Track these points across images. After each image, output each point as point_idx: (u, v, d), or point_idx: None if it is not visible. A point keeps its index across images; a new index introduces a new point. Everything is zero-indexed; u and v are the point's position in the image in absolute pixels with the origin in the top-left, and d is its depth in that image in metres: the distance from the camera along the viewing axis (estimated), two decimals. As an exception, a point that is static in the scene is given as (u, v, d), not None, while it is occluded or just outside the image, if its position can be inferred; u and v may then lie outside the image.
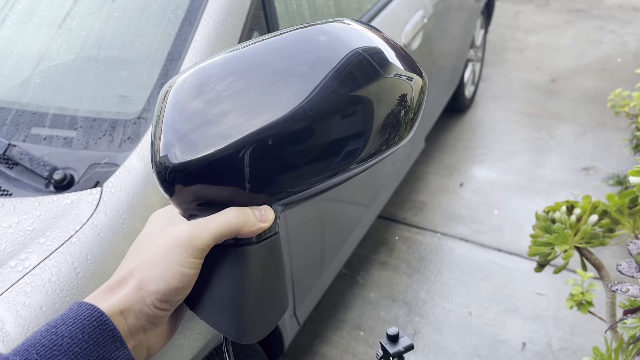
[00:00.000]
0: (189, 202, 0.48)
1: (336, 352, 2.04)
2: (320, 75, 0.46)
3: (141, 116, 1.18)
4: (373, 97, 0.47)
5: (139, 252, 0.47)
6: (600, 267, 1.05)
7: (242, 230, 0.46)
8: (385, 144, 0.50)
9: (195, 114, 0.45)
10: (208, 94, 0.46)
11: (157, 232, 0.48)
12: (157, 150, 0.47)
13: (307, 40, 0.47)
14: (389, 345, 0.77)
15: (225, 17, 1.30)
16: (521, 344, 2.01)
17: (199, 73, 0.47)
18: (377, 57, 0.48)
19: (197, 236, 0.45)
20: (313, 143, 0.46)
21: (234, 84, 0.45)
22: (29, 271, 0.97)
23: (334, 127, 0.46)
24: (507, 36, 4.33)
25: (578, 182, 2.77)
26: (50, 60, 1.32)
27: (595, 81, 3.63)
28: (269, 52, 0.47)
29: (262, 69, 0.46)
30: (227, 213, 0.46)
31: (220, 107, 0.45)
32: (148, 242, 0.47)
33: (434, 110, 2.77)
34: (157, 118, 0.48)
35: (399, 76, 0.49)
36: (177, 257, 0.45)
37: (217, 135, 0.45)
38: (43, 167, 1.11)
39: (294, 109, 0.45)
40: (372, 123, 0.48)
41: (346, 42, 0.48)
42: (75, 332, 0.41)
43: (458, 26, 2.81)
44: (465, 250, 2.43)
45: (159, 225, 0.49)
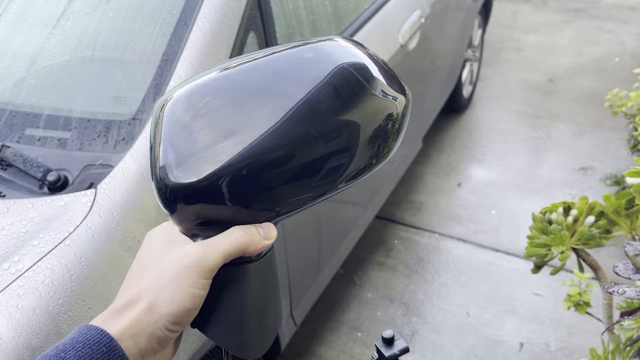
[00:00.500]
0: (190, 221, 0.47)
1: (333, 352, 2.03)
2: (306, 91, 0.46)
3: (136, 117, 1.17)
4: (360, 118, 0.48)
5: (144, 273, 0.46)
6: (597, 269, 1.05)
7: (248, 249, 0.46)
8: (375, 157, 0.51)
9: (194, 135, 0.45)
10: (203, 115, 0.46)
11: (160, 252, 0.47)
12: (158, 169, 0.46)
13: (299, 62, 0.48)
14: (384, 348, 0.76)
15: (221, 17, 1.29)
16: (519, 344, 2.00)
17: (193, 92, 0.47)
18: (363, 73, 0.49)
19: (207, 257, 0.45)
20: (313, 159, 0.47)
21: (229, 106, 0.46)
22: (22, 274, 0.97)
23: (324, 145, 0.47)
24: (505, 36, 4.33)
25: (576, 182, 2.76)
26: (44, 61, 1.31)
27: (593, 81, 3.63)
28: (261, 72, 0.48)
29: (257, 90, 0.47)
30: (234, 233, 0.46)
31: (218, 128, 0.45)
32: (153, 263, 0.47)
33: (432, 110, 2.77)
34: (155, 135, 0.47)
35: (385, 95, 0.50)
36: (187, 279, 0.44)
37: (218, 156, 0.45)
38: (37, 169, 1.10)
39: (290, 130, 0.45)
40: (358, 133, 0.49)
41: (334, 59, 0.48)
42: (84, 358, 0.41)
43: (455, 26, 2.81)
44: (462, 251, 2.43)
45: (159, 245, 0.48)
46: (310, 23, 1.69)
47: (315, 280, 1.85)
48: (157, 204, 1.11)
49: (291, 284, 1.63)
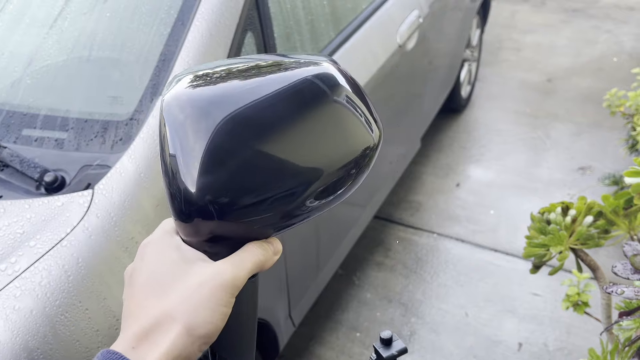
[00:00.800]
0: (202, 235, 0.46)
1: (332, 353, 2.03)
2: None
3: (133, 117, 1.17)
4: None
5: (165, 292, 0.43)
6: (595, 269, 1.05)
7: (265, 266, 0.46)
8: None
9: (229, 158, 0.43)
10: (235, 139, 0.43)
11: (179, 269, 0.45)
12: (179, 177, 0.43)
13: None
14: (382, 349, 0.76)
15: (219, 17, 1.29)
16: (517, 344, 2.00)
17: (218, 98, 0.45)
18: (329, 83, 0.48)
19: (238, 276, 0.44)
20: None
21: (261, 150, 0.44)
22: (19, 274, 0.96)
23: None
24: (504, 36, 4.33)
25: (574, 182, 2.76)
26: (41, 61, 1.31)
27: (592, 81, 3.63)
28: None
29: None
30: (253, 250, 0.46)
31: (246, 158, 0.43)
32: (173, 281, 0.44)
33: (430, 110, 2.77)
34: (172, 138, 0.44)
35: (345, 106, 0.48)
36: (222, 299, 0.43)
37: (254, 179, 0.43)
38: (34, 169, 1.10)
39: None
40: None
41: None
42: None
43: (454, 26, 2.81)
44: (461, 251, 2.42)
45: (173, 259, 0.45)
46: (308, 23, 1.68)
47: (314, 280, 1.85)
48: (154, 205, 1.11)
49: (289, 284, 1.62)
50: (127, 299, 0.46)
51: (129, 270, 0.48)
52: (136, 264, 0.47)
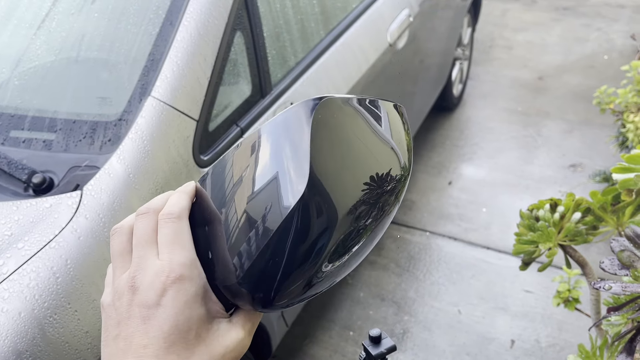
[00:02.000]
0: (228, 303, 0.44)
1: (325, 352, 2.03)
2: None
3: (122, 118, 1.16)
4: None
5: (190, 350, 0.40)
6: (584, 265, 1.05)
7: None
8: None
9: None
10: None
11: (204, 328, 0.41)
12: (243, 272, 0.41)
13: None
14: (372, 347, 0.76)
15: (207, 17, 1.28)
16: (510, 341, 2.01)
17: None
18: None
19: (245, 345, 0.43)
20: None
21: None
22: (7, 277, 0.96)
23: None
24: (495, 34, 4.35)
25: (565, 179, 2.78)
26: (29, 62, 1.30)
27: (582, 78, 3.65)
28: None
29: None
30: (246, 326, 0.44)
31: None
32: (198, 340, 0.40)
33: (422, 109, 2.77)
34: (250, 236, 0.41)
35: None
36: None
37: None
38: (22, 171, 1.09)
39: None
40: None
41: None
42: None
43: (445, 25, 2.81)
44: (454, 249, 2.43)
45: (201, 315, 0.41)
46: (297, 22, 1.68)
47: (306, 280, 1.84)
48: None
49: (282, 284, 1.62)
50: (140, 338, 0.39)
51: (126, 299, 0.40)
52: (149, 300, 0.39)
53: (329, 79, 1.70)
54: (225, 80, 1.34)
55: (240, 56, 1.40)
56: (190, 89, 1.23)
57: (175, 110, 1.19)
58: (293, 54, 1.63)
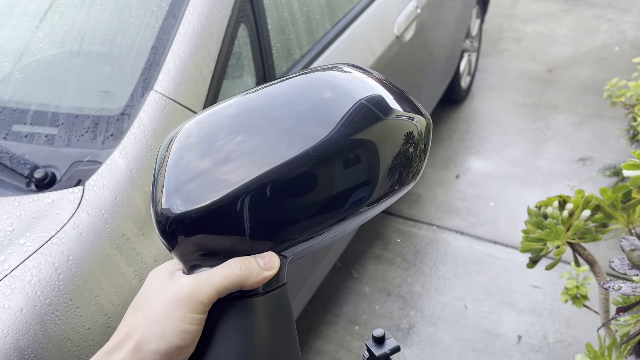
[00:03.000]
0: (191, 253, 0.46)
1: (331, 346, 2.03)
2: (327, 129, 0.45)
3: (124, 112, 1.15)
4: (376, 139, 0.47)
5: (137, 312, 0.44)
6: (593, 263, 1.03)
7: (246, 282, 0.44)
8: (397, 184, 0.49)
9: (199, 167, 0.45)
10: (213, 151, 0.45)
11: (155, 290, 0.45)
12: (159, 201, 0.46)
13: (313, 95, 0.47)
14: (375, 347, 0.75)
15: (210, 9, 1.27)
16: (517, 337, 1.99)
17: (205, 125, 0.46)
18: (379, 106, 0.48)
19: (200, 290, 0.43)
20: (316, 190, 0.45)
21: (241, 142, 0.45)
22: (9, 273, 0.95)
23: (337, 171, 0.45)
24: (504, 26, 4.29)
25: (575, 172, 2.74)
26: (31, 56, 1.29)
27: (593, 70, 3.60)
28: (274, 106, 0.46)
29: (268, 127, 0.45)
30: (230, 265, 0.44)
31: (225, 161, 0.44)
32: (147, 301, 0.45)
33: (430, 101, 2.74)
34: (160, 167, 0.47)
35: (400, 117, 0.49)
36: (177, 313, 0.42)
37: (219, 184, 0.44)
38: (24, 166, 1.08)
39: (296, 156, 0.44)
40: (377, 165, 0.47)
41: (351, 94, 0.47)
42: None
43: (453, 16, 2.78)
44: (460, 243, 2.41)
45: (158, 282, 0.46)
46: (303, 15, 1.66)
47: (312, 274, 1.84)
48: (146, 201, 1.10)
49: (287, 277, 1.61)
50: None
51: None
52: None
53: (334, 72, 1.68)
54: (229, 73, 1.33)
55: (244, 49, 1.38)
56: (194, 83, 1.21)
57: (178, 105, 1.18)
58: (298, 46, 1.61)
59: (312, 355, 2.00)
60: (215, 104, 0.48)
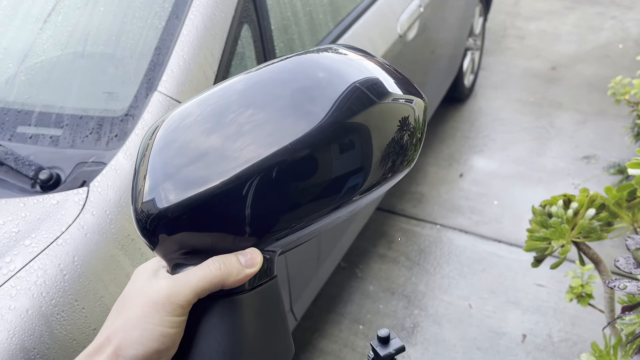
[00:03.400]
0: (173, 252, 0.45)
1: (335, 346, 2.03)
2: (317, 116, 0.43)
3: (128, 113, 1.16)
4: (370, 124, 0.45)
5: (118, 314, 0.44)
6: (598, 262, 1.03)
7: (227, 282, 0.43)
8: (390, 172, 0.47)
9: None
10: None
11: (137, 291, 0.44)
12: (140, 193, 0.44)
13: (303, 78, 0.45)
14: (380, 347, 0.75)
15: (213, 9, 1.27)
16: (521, 335, 1.99)
17: (186, 110, 0.45)
18: (374, 89, 0.46)
19: (176, 292, 0.42)
20: (305, 180, 0.43)
21: (225, 126, 0.43)
22: (15, 274, 0.95)
23: (322, 161, 0.43)
24: (507, 24, 4.28)
25: (579, 171, 2.74)
26: (35, 57, 1.29)
27: (597, 68, 3.59)
28: (263, 91, 0.44)
29: (255, 112, 0.43)
30: (209, 265, 0.43)
31: (208, 147, 0.42)
32: (129, 302, 0.44)
33: (433, 100, 2.74)
34: (142, 157, 0.44)
35: (396, 100, 0.47)
36: (155, 317, 0.41)
37: (199, 178, 0.42)
38: (28, 167, 1.09)
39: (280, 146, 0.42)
40: (370, 151, 0.45)
41: (344, 77, 0.45)
42: None
43: (456, 14, 2.77)
44: (464, 242, 2.41)
45: (141, 282, 0.45)
46: (306, 14, 1.66)
47: (316, 273, 1.84)
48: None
49: (290, 277, 1.61)
50: None
51: None
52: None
53: (337, 72, 1.68)
54: (232, 74, 1.33)
55: (248, 49, 1.38)
56: (197, 84, 1.21)
57: (182, 105, 1.18)
58: (301, 46, 1.61)
59: (316, 354, 2.00)
60: (191, 98, 0.46)
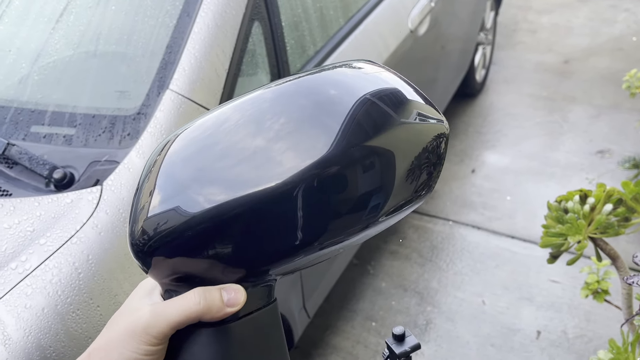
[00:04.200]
0: (166, 277, 0.43)
1: (348, 343, 2.02)
2: (328, 142, 0.40)
3: (140, 112, 1.16)
4: (384, 151, 0.42)
5: (107, 329, 0.44)
6: (615, 258, 1.01)
7: (205, 317, 0.41)
8: (408, 202, 0.46)
9: (176, 176, 0.41)
10: (198, 154, 0.41)
11: (128, 310, 0.44)
12: (142, 213, 0.42)
13: (314, 99, 0.42)
14: (395, 345, 0.74)
15: (224, 7, 1.27)
16: (536, 332, 1.97)
17: (193, 130, 0.43)
18: (391, 102, 0.43)
19: (152, 324, 0.41)
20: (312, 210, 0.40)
21: (241, 143, 0.41)
22: (30, 273, 0.96)
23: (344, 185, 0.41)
24: (519, 17, 4.24)
25: (593, 165, 2.71)
26: (48, 57, 1.30)
27: (610, 61, 3.54)
28: (275, 112, 0.42)
29: (263, 134, 0.41)
30: (189, 298, 0.41)
31: (211, 170, 0.41)
32: (117, 320, 0.44)
33: (444, 95, 2.72)
34: (149, 172, 0.43)
35: (423, 120, 0.44)
36: (131, 344, 0.41)
37: (198, 201, 0.40)
38: (43, 166, 1.09)
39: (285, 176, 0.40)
40: (392, 179, 0.43)
41: (356, 92, 0.42)
42: None
43: (467, 9, 2.75)
44: (477, 238, 2.39)
45: (135, 301, 0.45)
46: (317, 11, 1.65)
47: (328, 270, 1.83)
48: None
49: (303, 275, 1.61)
50: None
51: None
52: None
53: (348, 68, 1.67)
54: (244, 71, 1.33)
55: (259, 47, 1.38)
56: (209, 82, 1.21)
57: (194, 103, 1.18)
58: (312, 42, 1.60)
59: (329, 351, 2.00)
60: (198, 118, 0.44)
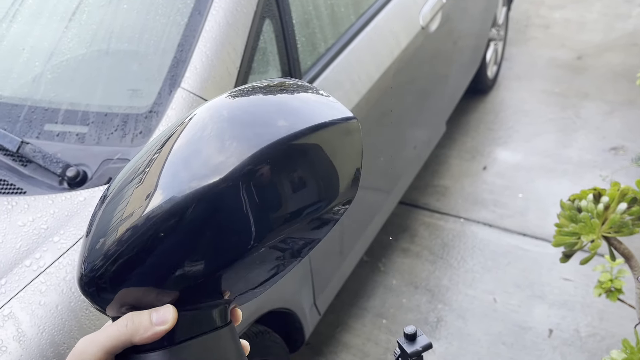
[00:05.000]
0: (117, 310, 0.43)
1: (359, 340, 2.03)
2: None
3: (152, 110, 1.16)
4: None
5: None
6: (629, 257, 1.00)
7: (133, 339, 0.41)
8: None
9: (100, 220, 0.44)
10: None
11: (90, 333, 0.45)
12: (81, 259, 0.44)
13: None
14: (407, 344, 0.74)
15: (235, 5, 1.27)
16: (548, 330, 1.96)
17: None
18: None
19: (86, 351, 0.42)
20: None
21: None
22: (44, 270, 0.97)
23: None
24: (531, 12, 4.20)
25: (606, 162, 2.68)
26: (61, 55, 1.31)
27: (624, 57, 3.50)
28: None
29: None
30: (118, 322, 0.42)
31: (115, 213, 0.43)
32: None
33: (455, 92, 2.71)
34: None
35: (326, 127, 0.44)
36: None
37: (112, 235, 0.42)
38: (56, 164, 1.10)
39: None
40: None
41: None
42: None
43: (479, 5, 2.73)
44: (489, 236, 2.38)
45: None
46: (328, 8, 1.65)
47: (339, 267, 1.84)
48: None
49: (313, 272, 1.62)
50: None
51: None
52: None
53: (360, 65, 1.67)
54: (255, 69, 1.33)
55: (270, 44, 1.38)
56: (220, 80, 1.21)
57: (205, 102, 1.18)
58: (323, 40, 1.60)
59: (340, 348, 2.00)
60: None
